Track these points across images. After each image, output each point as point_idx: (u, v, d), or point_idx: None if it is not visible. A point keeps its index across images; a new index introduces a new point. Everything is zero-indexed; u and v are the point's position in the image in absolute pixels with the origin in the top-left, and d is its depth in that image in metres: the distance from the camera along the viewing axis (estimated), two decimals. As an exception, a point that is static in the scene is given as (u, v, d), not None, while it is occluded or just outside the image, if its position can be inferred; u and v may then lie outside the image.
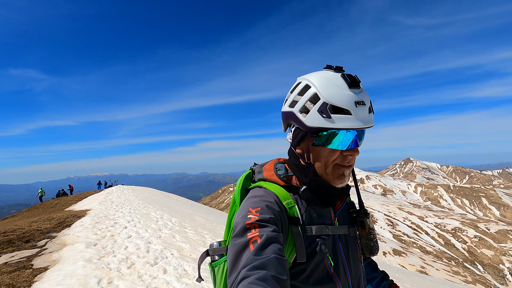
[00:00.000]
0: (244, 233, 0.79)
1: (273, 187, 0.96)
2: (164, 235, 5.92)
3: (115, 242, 5.08)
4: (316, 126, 0.90)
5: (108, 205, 10.98)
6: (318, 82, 0.91)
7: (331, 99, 0.88)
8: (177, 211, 10.93)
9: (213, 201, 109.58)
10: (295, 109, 0.95)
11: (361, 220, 1.05)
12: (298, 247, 0.88)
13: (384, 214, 43.62)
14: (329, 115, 0.87)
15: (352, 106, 0.87)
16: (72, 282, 3.07)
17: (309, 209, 0.96)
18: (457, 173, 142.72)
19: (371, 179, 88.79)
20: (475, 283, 23.78)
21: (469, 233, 38.72)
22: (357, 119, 0.88)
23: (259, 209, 0.85)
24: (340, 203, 1.03)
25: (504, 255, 33.24)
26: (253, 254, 0.72)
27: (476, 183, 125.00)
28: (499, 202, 64.76)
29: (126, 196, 15.28)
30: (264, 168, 1.05)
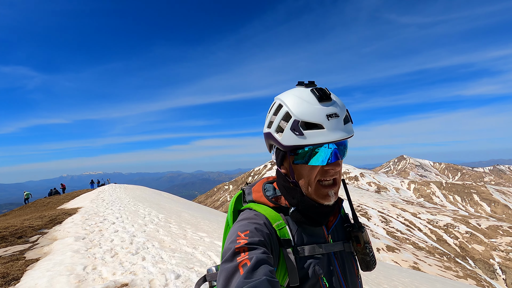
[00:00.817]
0: (233, 257, 0.78)
1: (263, 209, 0.95)
2: (148, 230, 6.34)
3: (102, 236, 5.52)
4: (291, 144, 0.88)
5: (99, 203, 11.19)
6: (289, 100, 0.91)
7: (301, 116, 0.87)
8: (166, 208, 11.10)
9: (208, 199, 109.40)
10: (272, 129, 0.94)
11: (355, 235, 1.02)
12: (290, 270, 0.86)
13: (377, 211, 44.08)
14: (301, 132, 0.86)
15: (323, 119, 0.85)
16: (60, 268, 3.52)
17: (301, 229, 0.94)
18: (450, 170, 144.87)
19: (365, 176, 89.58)
20: (466, 278, 24.23)
21: (461, 229, 39.39)
22: (331, 132, 0.85)
23: (248, 232, 0.84)
24: (333, 219, 1.01)
25: (495, 250, 33.92)
26: (244, 278, 0.72)
27: (468, 180, 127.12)
28: (490, 199, 65.96)
29: (118, 194, 15.41)
30: (253, 189, 1.04)
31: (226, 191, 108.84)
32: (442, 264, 26.27)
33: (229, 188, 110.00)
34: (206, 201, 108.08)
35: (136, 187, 23.74)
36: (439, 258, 29.21)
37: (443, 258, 30.06)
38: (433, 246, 34.26)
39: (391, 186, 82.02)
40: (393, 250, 27.42)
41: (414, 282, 9.20)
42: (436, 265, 25.49)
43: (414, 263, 24.60)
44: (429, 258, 27.59)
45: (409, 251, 28.54)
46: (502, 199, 65.19)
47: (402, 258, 25.53)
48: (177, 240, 5.56)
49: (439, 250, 33.48)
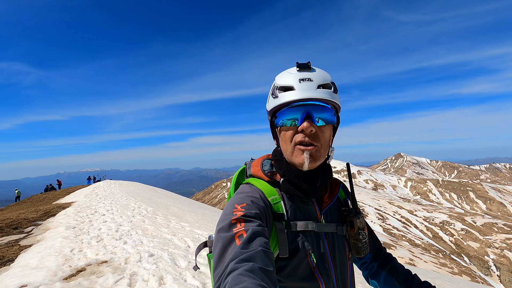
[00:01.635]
0: (230, 228, 0.80)
1: (259, 183, 0.99)
2: (135, 220, 6.90)
3: (91, 225, 6.10)
4: (271, 107, 0.99)
5: (93, 197, 11.60)
6: (278, 75, 1.02)
7: (279, 82, 0.98)
8: (156, 202, 11.50)
9: (206, 196, 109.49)
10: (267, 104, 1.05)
11: (350, 220, 1.03)
12: (281, 242, 0.90)
13: (374, 208, 44.34)
14: (277, 95, 0.97)
15: (296, 82, 0.93)
16: (50, 251, 4.09)
17: (294, 205, 0.97)
18: (446, 168, 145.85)
19: (363, 174, 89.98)
20: (461, 274, 24.49)
21: (456, 226, 39.75)
22: (300, 91, 0.92)
23: (244, 205, 0.87)
24: (328, 200, 1.03)
25: (489, 247, 34.28)
26: (240, 248, 0.73)
27: (464, 177, 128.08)
28: (485, 196, 66.54)
29: (112, 190, 15.65)
30: (252, 164, 1.09)
31: (224, 188, 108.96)
32: (437, 261, 26.53)
33: (227, 185, 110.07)
34: (204, 198, 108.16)
35: (131, 183, 23.80)
36: (434, 255, 29.48)
37: (439, 255, 30.34)
38: (429, 243, 34.55)
39: (388, 183, 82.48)
40: (389, 247, 27.63)
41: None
42: (432, 262, 25.73)
43: (410, 260, 24.81)
44: (424, 255, 27.84)
45: (405, 248, 28.77)
46: (497, 196, 65.79)
47: (398, 255, 25.74)
48: (159, 228, 6.14)
49: (435, 247, 33.79)
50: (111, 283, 2.86)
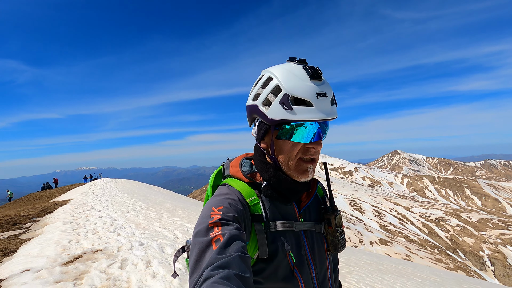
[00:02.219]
0: (207, 232, 0.78)
1: (238, 184, 0.97)
2: (129, 215, 7.25)
3: (87, 220, 6.45)
4: (278, 118, 0.89)
5: (89, 195, 11.90)
6: (280, 73, 0.91)
7: (292, 91, 0.87)
8: (151, 199, 11.75)
9: (204, 194, 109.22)
10: (258, 102, 0.94)
11: (328, 218, 1.03)
12: (260, 244, 0.89)
13: (371, 205, 44.64)
14: (291, 107, 0.87)
15: (313, 97, 0.87)
16: (49, 242, 4.46)
17: (273, 206, 0.96)
18: (442, 165, 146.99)
19: (360, 171, 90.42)
20: (457, 269, 24.79)
21: (452, 222, 40.17)
22: (319, 110, 0.87)
23: (222, 207, 0.85)
24: (306, 199, 1.03)
25: (484, 243, 34.72)
26: (216, 253, 0.72)
27: (460, 174, 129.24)
28: (481, 192, 67.23)
29: (108, 187, 15.87)
30: (230, 164, 1.06)
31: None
32: (433, 257, 26.82)
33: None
34: (201, 196, 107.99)
35: (127, 181, 23.84)
36: (430, 251, 29.79)
37: (435, 251, 30.67)
38: (425, 239, 34.90)
39: (384, 180, 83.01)
40: (385, 243, 27.88)
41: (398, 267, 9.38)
42: (428, 258, 26.01)
43: (406, 256, 25.07)
44: (420, 251, 28.13)
45: (401, 244, 29.05)
46: (492, 193, 66.51)
47: (395, 251, 25.99)
48: (152, 223, 6.53)
49: (431, 243, 34.14)
50: (104, 267, 3.36)
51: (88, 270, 3.20)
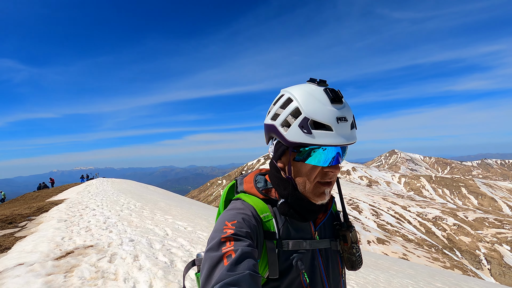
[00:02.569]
0: (219, 247, 0.77)
1: (252, 200, 0.95)
2: (123, 214, 7.39)
3: (81, 218, 6.55)
4: (297, 141, 0.88)
5: (85, 194, 11.94)
6: (300, 96, 0.89)
7: (312, 114, 0.86)
8: (145, 198, 11.86)
9: (202, 194, 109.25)
10: (276, 122, 0.93)
11: (343, 234, 1.01)
12: (271, 263, 0.87)
13: (369, 204, 44.78)
14: (310, 131, 0.86)
15: (333, 122, 0.85)
16: (43, 239, 4.55)
17: (288, 223, 0.94)
18: (439, 164, 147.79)
19: (357, 170, 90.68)
20: (453, 268, 24.95)
21: (449, 221, 40.40)
22: (339, 135, 0.86)
23: (235, 222, 0.84)
24: (322, 216, 1.01)
25: (480, 242, 34.96)
26: (227, 270, 0.71)
27: (457, 173, 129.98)
28: (477, 192, 67.68)
29: (104, 187, 15.89)
30: (244, 180, 1.04)
31: (220, 185, 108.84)
32: (430, 256, 26.96)
33: (222, 183, 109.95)
34: (199, 196, 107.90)
35: (124, 181, 23.85)
36: (427, 250, 29.95)
37: (431, 250, 30.82)
38: (422, 238, 35.07)
39: (382, 180, 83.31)
40: (383, 243, 27.99)
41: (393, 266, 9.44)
42: (425, 257, 26.15)
43: (403, 255, 25.18)
44: (417, 250, 28.27)
45: (398, 243, 29.17)
46: (488, 192, 66.97)
47: (392, 250, 26.10)
48: (144, 221, 6.69)
49: (428, 242, 34.31)
50: (94, 261, 3.55)
51: (78, 264, 3.39)
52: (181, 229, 6.15)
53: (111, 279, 3.00)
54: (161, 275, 3.20)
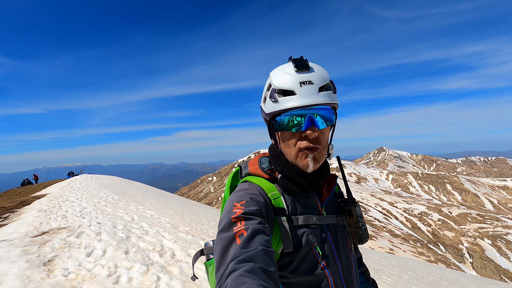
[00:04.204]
0: (230, 227, 0.79)
1: (258, 180, 0.98)
2: (99, 205, 7.93)
3: (60, 208, 7.09)
4: (270, 111, 0.95)
5: (67, 189, 12.23)
6: (274, 72, 0.98)
7: (277, 84, 0.93)
8: (125, 193, 12.18)
9: (192, 191, 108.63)
10: (261, 102, 1.04)
11: (348, 209, 1.05)
12: (284, 237, 0.89)
13: (357, 200, 45.53)
14: (277, 99, 0.92)
15: (296, 86, 0.90)
16: (23, 224, 5.11)
17: (295, 200, 0.97)
18: (426, 161, 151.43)
19: (347, 167, 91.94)
20: (437, 262, 25.70)
21: (434, 216, 41.51)
22: (302, 97, 0.89)
23: (243, 202, 0.86)
24: (326, 193, 1.04)
25: (463, 236, 36.10)
26: (240, 247, 0.72)
27: (442, 170, 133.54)
28: (461, 188, 69.74)
29: (87, 183, 16.04)
30: (249, 163, 1.08)
31: (210, 182, 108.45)
32: (415, 250, 27.68)
33: (213, 180, 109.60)
34: (189, 193, 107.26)
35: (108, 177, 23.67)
36: (413, 245, 30.73)
37: (417, 244, 31.65)
38: (408, 233, 35.94)
39: (370, 176, 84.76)
40: (371, 238, 28.53)
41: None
42: (410, 251, 26.83)
43: (390, 250, 25.74)
44: (404, 245, 28.96)
45: (385, 238, 29.80)
46: (472, 188, 69.12)
47: (379, 245, 26.63)
48: (117, 210, 7.26)
49: (414, 237, 35.19)
50: (64, 237, 4.30)
51: (51, 239, 4.10)
52: (148, 216, 6.82)
53: (75, 248, 3.82)
54: (114, 244, 4.04)
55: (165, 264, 3.45)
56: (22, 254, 3.34)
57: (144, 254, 3.72)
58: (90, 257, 3.44)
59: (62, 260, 3.26)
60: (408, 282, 6.31)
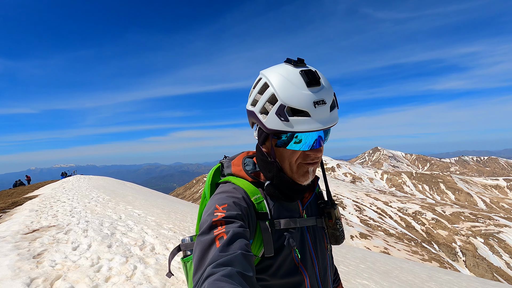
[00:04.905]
0: (210, 230, 0.78)
1: (241, 183, 0.96)
2: (89, 205, 8.14)
3: (51, 208, 7.34)
4: (275, 128, 0.87)
5: (59, 190, 12.30)
6: (276, 81, 0.87)
7: (288, 101, 0.84)
8: (116, 193, 12.26)
9: (187, 191, 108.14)
10: (256, 109, 0.92)
11: (328, 211, 1.06)
12: (266, 242, 0.89)
13: (352, 200, 45.79)
14: (287, 118, 0.84)
15: (310, 107, 0.83)
16: (15, 223, 5.36)
17: (277, 203, 0.97)
18: (420, 161, 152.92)
19: (342, 167, 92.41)
20: (431, 260, 25.99)
21: (428, 216, 41.95)
22: (316, 120, 0.84)
23: (226, 205, 0.85)
24: (308, 195, 1.04)
25: (457, 235, 36.56)
26: (219, 251, 0.72)
27: (436, 170, 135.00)
28: (454, 187, 70.59)
29: (80, 184, 16.08)
30: (232, 162, 1.04)
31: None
32: (409, 249, 27.95)
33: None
34: (184, 193, 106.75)
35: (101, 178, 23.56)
36: (407, 244, 31.02)
37: (411, 243, 31.95)
38: (402, 232, 36.27)
39: (365, 176, 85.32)
40: (365, 237, 28.73)
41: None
42: (404, 250, 27.08)
43: (384, 249, 25.96)
44: (398, 244, 29.22)
45: (380, 237, 30.03)
46: (465, 187, 70.01)
47: (374, 244, 26.84)
48: (106, 209, 7.49)
49: (408, 236, 35.53)
50: (53, 233, 4.59)
51: (41, 236, 4.37)
52: (135, 215, 7.06)
53: (63, 243, 4.13)
54: (99, 240, 4.37)
55: (143, 256, 3.86)
56: (14, 249, 3.64)
57: (126, 248, 4.11)
58: (76, 251, 3.82)
59: (50, 253, 3.61)
60: (362, 271, 6.77)
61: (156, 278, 3.14)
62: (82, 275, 2.98)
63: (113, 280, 2.97)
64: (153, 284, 2.98)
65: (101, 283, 2.86)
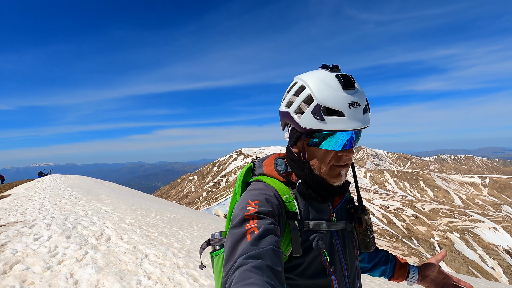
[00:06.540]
0: (242, 224, 0.80)
1: (273, 182, 0.98)
2: (60, 203, 8.10)
3: (21, 206, 7.36)
4: (310, 127, 0.90)
5: (32, 189, 11.94)
6: (313, 83, 0.91)
7: (324, 101, 0.88)
8: (90, 192, 12.17)
9: (172, 190, 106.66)
10: (290, 109, 0.95)
11: (358, 217, 1.05)
12: (294, 241, 0.90)
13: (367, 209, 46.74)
14: (322, 117, 0.88)
15: (345, 107, 0.87)
16: None
17: (308, 204, 0.97)
18: (401, 159, 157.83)
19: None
20: (411, 255, 26.88)
21: (408, 212, 43.37)
22: (351, 120, 0.87)
23: (258, 201, 0.87)
24: (338, 199, 1.04)
25: (435, 230, 38.01)
26: (250, 244, 0.73)
27: (416, 168, 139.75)
28: (433, 185, 73.34)
29: (55, 183, 15.67)
30: (264, 163, 1.06)
31: (191, 182, 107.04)
32: (391, 245, 28.80)
33: (194, 179, 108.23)
34: (169, 192, 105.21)
35: (77, 177, 22.89)
36: (389, 239, 31.95)
37: (392, 239, 32.94)
38: (384, 229, 37.31)
39: (349, 174, 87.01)
40: (348, 234, 29.41)
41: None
42: (386, 246, 27.87)
43: (366, 245, 26.66)
44: (380, 240, 30.03)
45: (363, 234, 30.80)
46: (443, 185, 72.91)
47: (357, 241, 27.51)
48: (75, 207, 7.55)
49: (389, 232, 36.59)
50: (18, 228, 4.80)
51: (6, 230, 4.60)
52: (102, 211, 7.16)
53: (27, 235, 4.39)
54: (60, 232, 4.67)
55: (97, 244, 4.29)
56: (-21, 241, 3.91)
57: (83, 238, 4.49)
58: (36, 241, 4.18)
59: (13, 244, 3.95)
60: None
61: (102, 260, 3.63)
62: (38, 259, 3.44)
63: (65, 263, 3.48)
64: (98, 264, 3.49)
65: (54, 265, 3.38)
